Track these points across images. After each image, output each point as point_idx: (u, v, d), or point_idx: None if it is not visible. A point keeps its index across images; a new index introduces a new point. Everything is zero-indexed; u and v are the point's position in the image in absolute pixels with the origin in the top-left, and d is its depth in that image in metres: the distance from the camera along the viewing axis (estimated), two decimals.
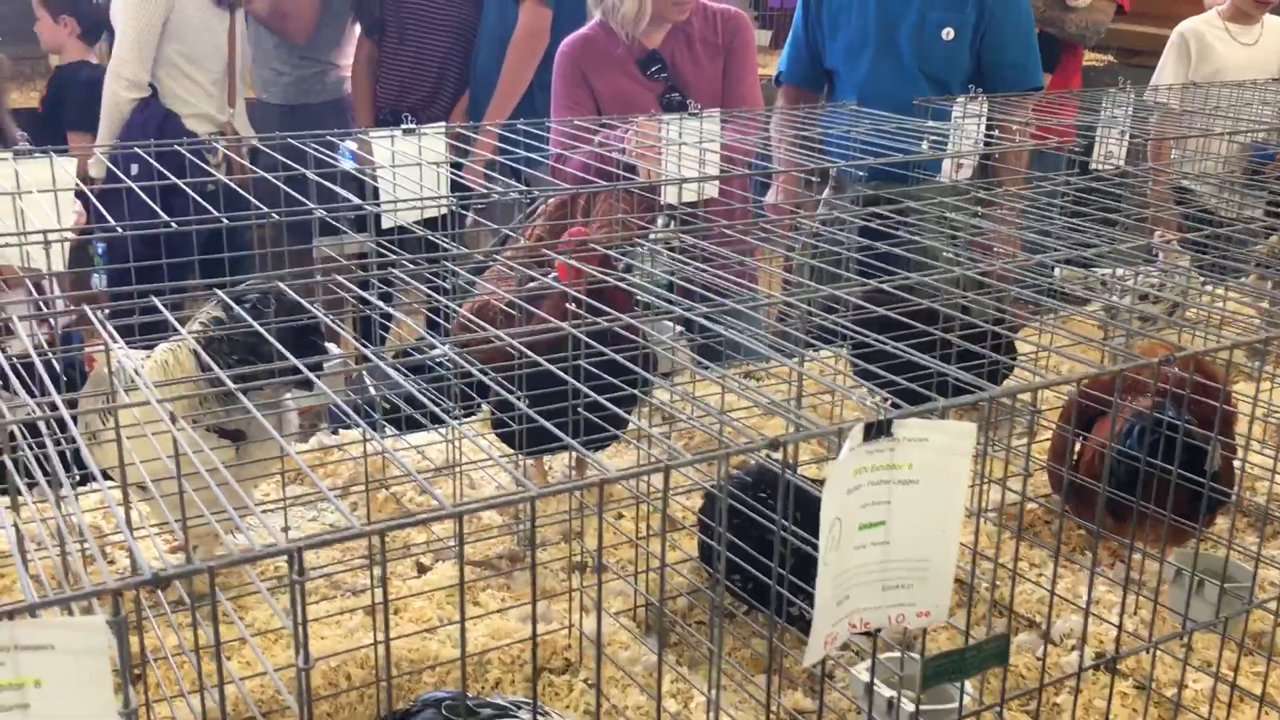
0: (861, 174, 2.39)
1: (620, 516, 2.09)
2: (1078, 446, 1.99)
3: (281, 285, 1.61)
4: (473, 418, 2.45)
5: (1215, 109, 3.32)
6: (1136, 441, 1.73)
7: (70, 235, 1.65)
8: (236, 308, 1.65)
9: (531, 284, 2.22)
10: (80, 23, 4.35)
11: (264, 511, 2.15)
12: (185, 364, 1.80)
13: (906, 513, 1.05)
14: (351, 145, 4.80)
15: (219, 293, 1.53)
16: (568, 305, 1.78)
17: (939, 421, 1.03)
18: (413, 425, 2.36)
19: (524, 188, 2.32)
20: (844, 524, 1.02)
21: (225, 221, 1.64)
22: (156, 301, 1.33)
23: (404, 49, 4.50)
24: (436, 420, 2.33)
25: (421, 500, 2.16)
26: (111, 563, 1.98)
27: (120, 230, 1.57)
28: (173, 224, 1.57)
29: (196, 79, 4.10)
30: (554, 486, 1.13)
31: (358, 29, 4.65)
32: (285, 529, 2.05)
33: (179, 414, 1.74)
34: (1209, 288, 2.71)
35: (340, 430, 2.47)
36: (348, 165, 4.90)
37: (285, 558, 0.80)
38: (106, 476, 1.81)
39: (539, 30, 4.06)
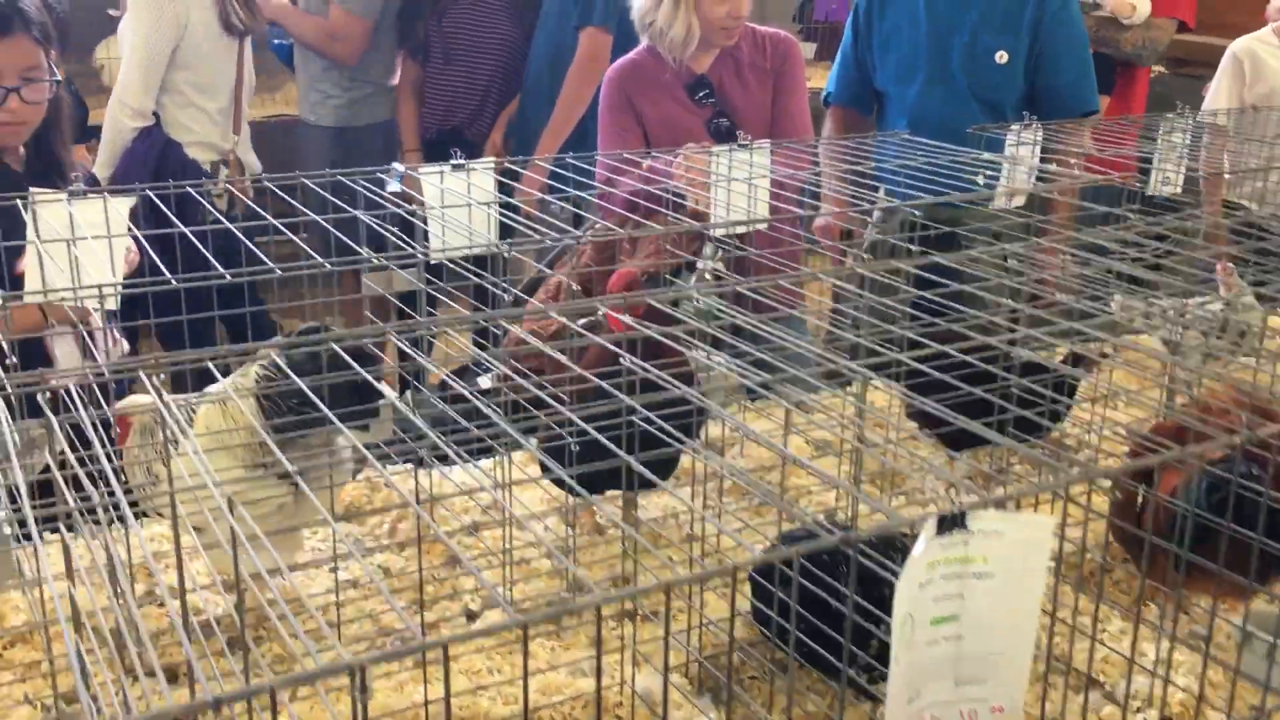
0: (917, 214, 2.34)
1: (670, 561, 2.06)
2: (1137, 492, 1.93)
3: (336, 347, 1.60)
4: (519, 450, 2.43)
5: (1278, 138, 3.25)
6: (1205, 498, 1.68)
7: (123, 287, 1.64)
8: (281, 364, 1.64)
9: (580, 320, 2.20)
10: None
11: (314, 550, 2.14)
12: (244, 408, 1.80)
13: (981, 606, 1.01)
14: (399, 168, 4.82)
15: (273, 353, 1.51)
16: (620, 357, 1.76)
17: (1016, 514, 0.99)
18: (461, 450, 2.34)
19: (576, 232, 2.29)
20: (916, 620, 0.99)
21: (278, 271, 1.62)
22: (211, 365, 1.32)
23: (450, 70, 4.50)
24: (485, 451, 2.32)
25: (471, 542, 2.14)
26: (160, 605, 1.98)
27: (174, 282, 1.56)
28: (227, 275, 1.56)
29: (203, 107, 4.01)
30: (617, 592, 1.10)
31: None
32: (334, 569, 2.04)
33: (239, 457, 1.75)
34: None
35: (387, 465, 2.45)
36: (395, 187, 4.90)
37: (346, 670, 0.77)
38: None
39: (600, 56, 4.03)
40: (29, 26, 2.45)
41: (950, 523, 0.98)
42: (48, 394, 1.26)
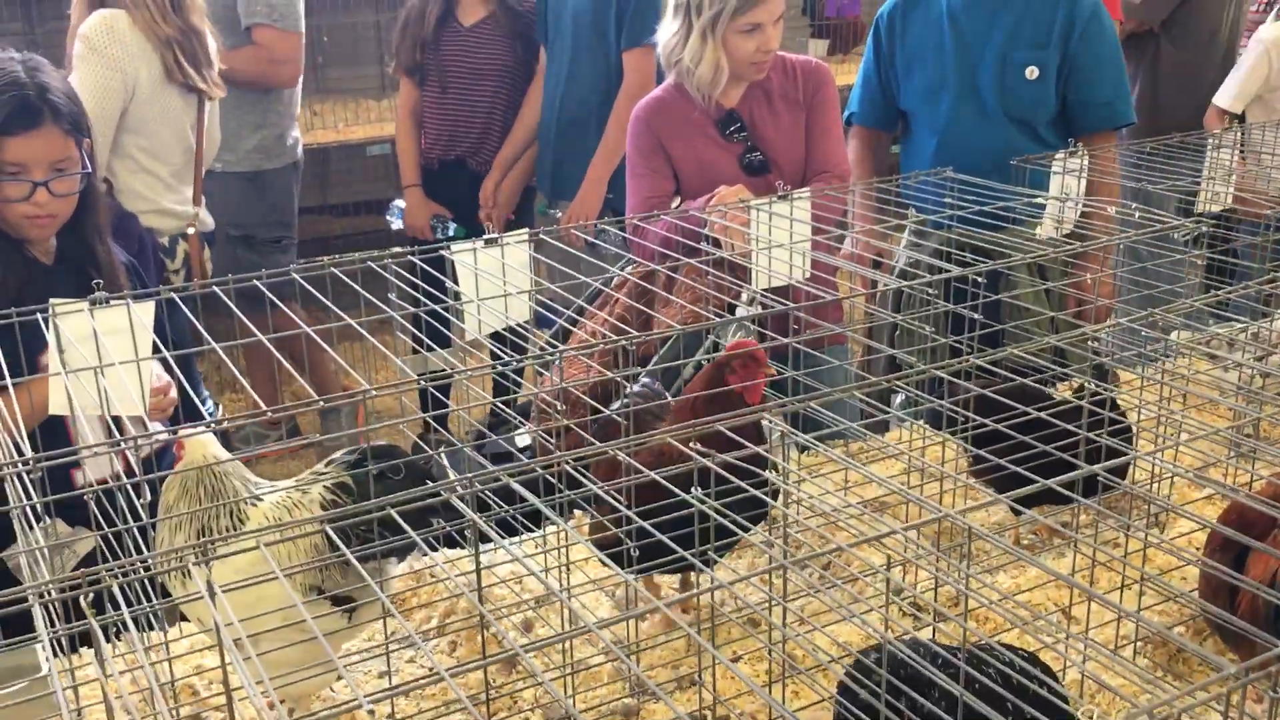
0: (984, 266, 2.23)
1: (737, 658, 1.97)
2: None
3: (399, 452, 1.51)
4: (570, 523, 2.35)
5: None
6: None
7: (158, 434, 1.55)
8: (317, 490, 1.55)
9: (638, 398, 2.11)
10: None
11: (362, 656, 2.05)
12: (313, 540, 1.71)
13: None
14: (400, 204, 4.72)
15: (341, 472, 1.42)
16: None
17: None
18: (505, 528, 2.25)
19: (634, 332, 2.18)
20: None
21: (322, 402, 1.53)
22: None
23: (448, 98, 4.42)
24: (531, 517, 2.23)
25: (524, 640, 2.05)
26: None
27: (210, 428, 1.46)
28: (269, 411, 1.47)
29: (156, 172, 3.70)
30: None
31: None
32: (386, 673, 1.95)
33: (300, 583, 1.67)
34: None
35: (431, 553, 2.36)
36: (397, 224, 4.81)
37: None
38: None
39: (649, 76, 3.96)
40: (59, 118, 2.35)
41: None
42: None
